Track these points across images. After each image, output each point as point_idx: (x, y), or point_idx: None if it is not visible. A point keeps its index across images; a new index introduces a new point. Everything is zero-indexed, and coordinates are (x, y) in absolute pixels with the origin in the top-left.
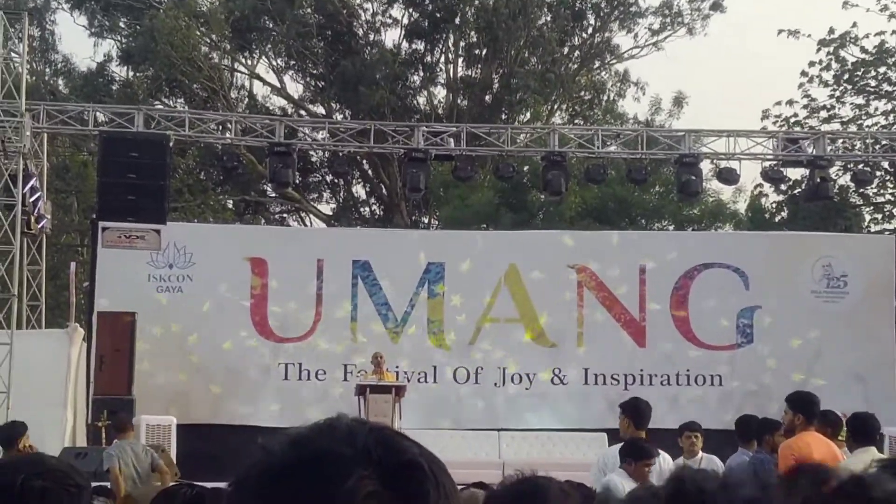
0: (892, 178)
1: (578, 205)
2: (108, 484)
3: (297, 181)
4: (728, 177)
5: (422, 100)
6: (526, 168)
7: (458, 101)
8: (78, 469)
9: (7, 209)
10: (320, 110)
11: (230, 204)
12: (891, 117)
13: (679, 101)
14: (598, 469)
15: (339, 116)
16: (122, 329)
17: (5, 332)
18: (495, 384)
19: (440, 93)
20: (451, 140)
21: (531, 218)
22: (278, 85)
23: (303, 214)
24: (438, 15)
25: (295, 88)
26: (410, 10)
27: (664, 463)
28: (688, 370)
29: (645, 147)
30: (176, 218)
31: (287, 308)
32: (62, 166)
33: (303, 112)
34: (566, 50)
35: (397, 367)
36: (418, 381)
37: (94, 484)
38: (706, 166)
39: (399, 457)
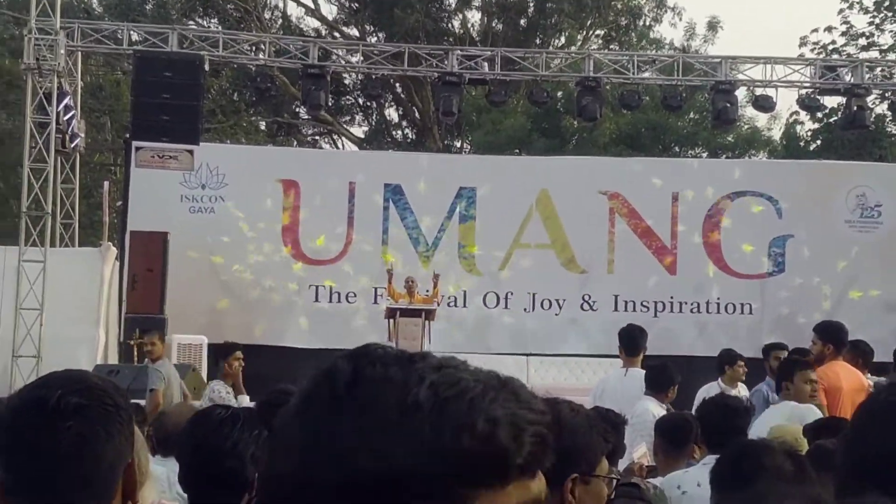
0: None
1: (612, 131)
2: (141, 402)
3: (330, 103)
4: (764, 104)
5: (456, 23)
6: (560, 94)
7: (493, 24)
8: (120, 388)
9: (41, 128)
10: (354, 32)
11: (263, 125)
12: None
13: (713, 26)
14: (594, 397)
15: (373, 39)
16: (154, 249)
17: (39, 250)
18: (525, 309)
19: (475, 16)
20: (486, 64)
21: (564, 144)
22: (312, 6)
23: (335, 137)
24: None
25: (329, 10)
26: None
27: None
28: (718, 298)
29: (681, 73)
30: (209, 139)
31: (318, 230)
32: (96, 85)
33: (336, 34)
34: None
35: (427, 291)
36: (448, 305)
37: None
38: (741, 93)
39: None
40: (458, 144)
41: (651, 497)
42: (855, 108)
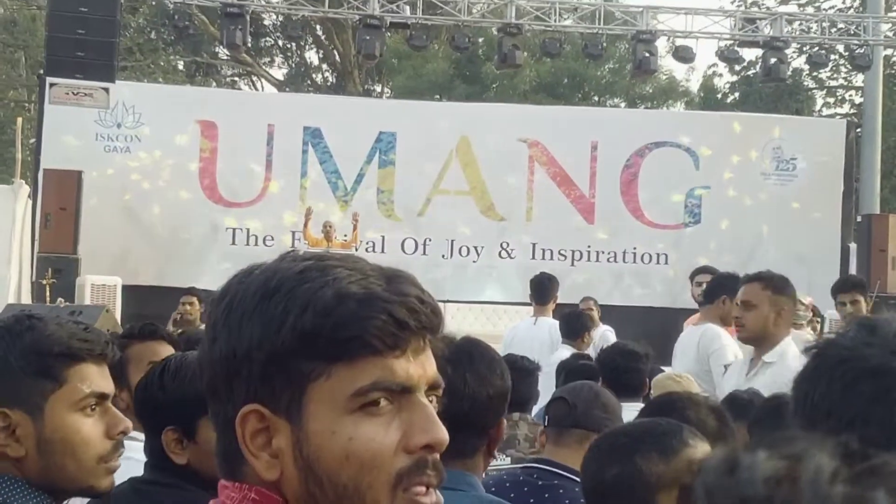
0: (846, 63)
1: (532, 79)
2: None
3: (250, 44)
4: (684, 55)
5: None
6: (481, 39)
7: None
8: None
9: None
10: None
11: (181, 65)
12: (847, 0)
13: None
14: (505, 345)
15: None
16: (68, 187)
17: None
18: (443, 256)
19: None
20: (407, 8)
21: (485, 90)
22: None
23: (254, 79)
24: None
25: None
26: None
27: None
28: (634, 248)
29: (602, 22)
30: (126, 77)
31: (236, 172)
32: (10, 20)
33: None
34: None
35: (345, 235)
36: (366, 250)
37: None
38: (661, 44)
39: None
40: (379, 89)
41: None
42: (773, 61)
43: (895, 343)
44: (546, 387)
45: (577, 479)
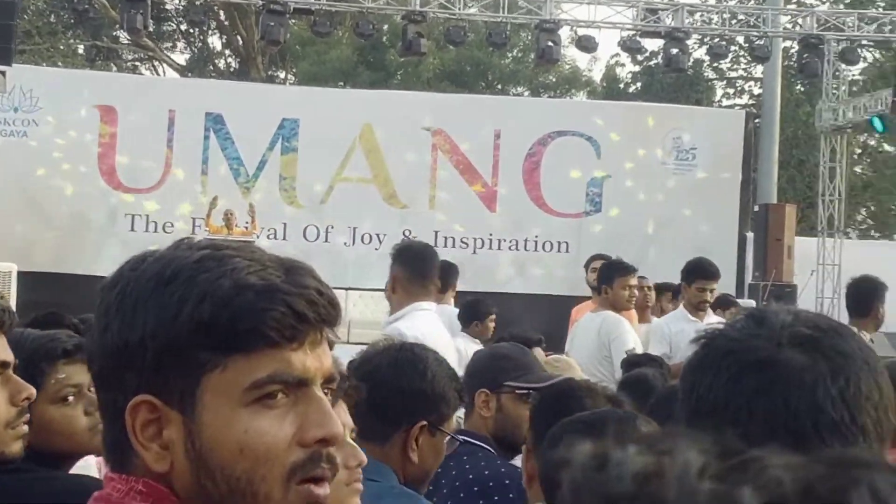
0: (745, 54)
1: (436, 67)
2: None
3: (151, 29)
4: (587, 44)
5: None
6: (386, 27)
7: None
8: None
9: None
10: None
11: (81, 49)
12: None
13: None
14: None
15: None
16: None
17: None
18: (345, 243)
19: None
20: None
21: (389, 78)
22: None
23: (156, 64)
24: None
25: None
26: None
27: None
28: (536, 236)
29: (506, 11)
30: (24, 61)
31: (135, 158)
32: None
33: None
34: None
35: (247, 223)
36: (268, 237)
37: None
38: (565, 33)
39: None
40: (283, 75)
41: None
42: (674, 51)
43: (782, 335)
44: None
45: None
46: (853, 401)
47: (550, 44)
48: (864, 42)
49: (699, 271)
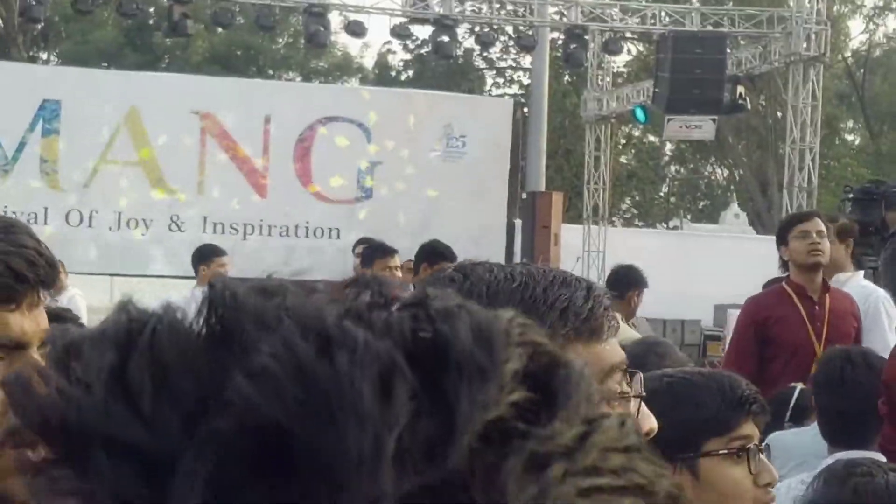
0: (514, 44)
1: (206, 50)
2: None
3: None
4: (356, 30)
5: None
6: (152, 9)
7: None
8: None
9: None
10: None
11: None
12: None
13: None
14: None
15: None
16: None
17: None
18: (110, 228)
19: None
20: None
21: (157, 61)
22: None
23: None
24: None
25: None
26: None
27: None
28: (307, 223)
29: None
30: None
31: None
32: None
33: None
34: None
35: (6, 207)
36: (29, 221)
37: None
38: (336, 19)
39: None
40: (45, 55)
41: None
42: (443, 38)
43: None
44: None
45: None
46: None
47: (319, 28)
48: (627, 34)
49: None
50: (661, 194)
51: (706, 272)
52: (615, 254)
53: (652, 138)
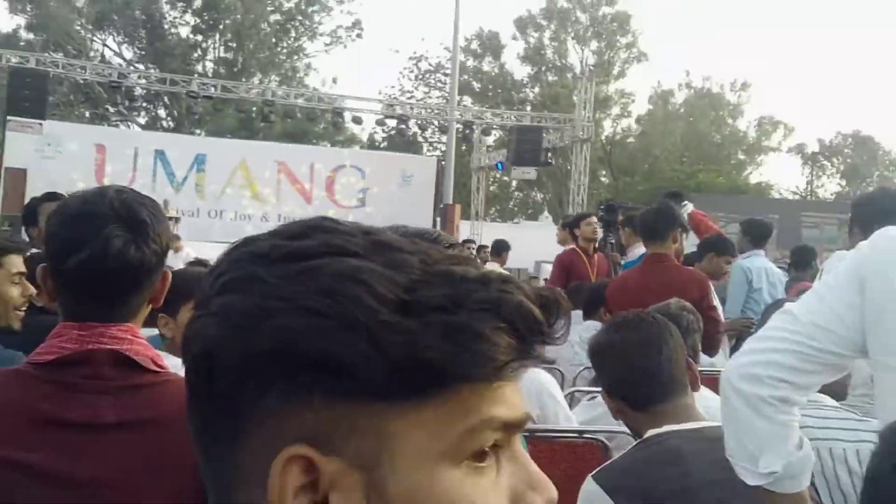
0: (438, 128)
1: (280, 130)
2: None
3: None
4: (357, 121)
5: None
6: (254, 108)
7: None
8: None
9: None
10: None
11: None
12: None
13: None
14: None
15: None
16: None
17: None
18: (231, 219)
19: None
20: None
21: (254, 135)
22: None
23: None
24: None
25: None
26: None
27: None
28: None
29: None
30: None
31: None
32: None
33: None
34: None
35: (179, 206)
36: (184, 214)
37: None
38: (348, 115)
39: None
40: (197, 130)
41: None
42: (402, 126)
43: None
44: None
45: None
46: None
47: (339, 119)
48: (494, 126)
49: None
50: (510, 206)
51: (531, 243)
52: (488, 238)
53: (505, 178)
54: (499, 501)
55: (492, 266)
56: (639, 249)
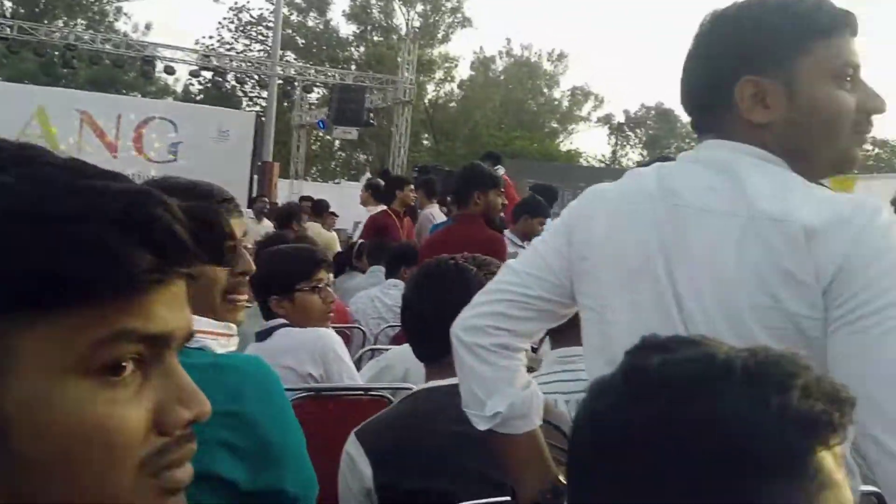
0: (258, 83)
1: (86, 77)
2: None
3: None
4: (170, 71)
5: None
6: (57, 52)
7: None
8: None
9: None
10: None
11: None
12: None
13: None
14: None
15: None
16: None
17: None
18: None
19: None
20: None
21: (56, 82)
22: None
23: None
24: None
25: None
26: None
27: None
28: (139, 174)
29: None
30: None
31: None
32: None
33: None
34: None
35: None
36: None
37: None
38: (160, 65)
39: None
40: None
41: None
42: (218, 79)
43: None
44: None
45: None
46: None
47: (150, 68)
48: (317, 83)
49: None
50: (333, 166)
51: (352, 204)
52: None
53: (328, 137)
54: (137, 415)
55: (311, 226)
56: (432, 210)
